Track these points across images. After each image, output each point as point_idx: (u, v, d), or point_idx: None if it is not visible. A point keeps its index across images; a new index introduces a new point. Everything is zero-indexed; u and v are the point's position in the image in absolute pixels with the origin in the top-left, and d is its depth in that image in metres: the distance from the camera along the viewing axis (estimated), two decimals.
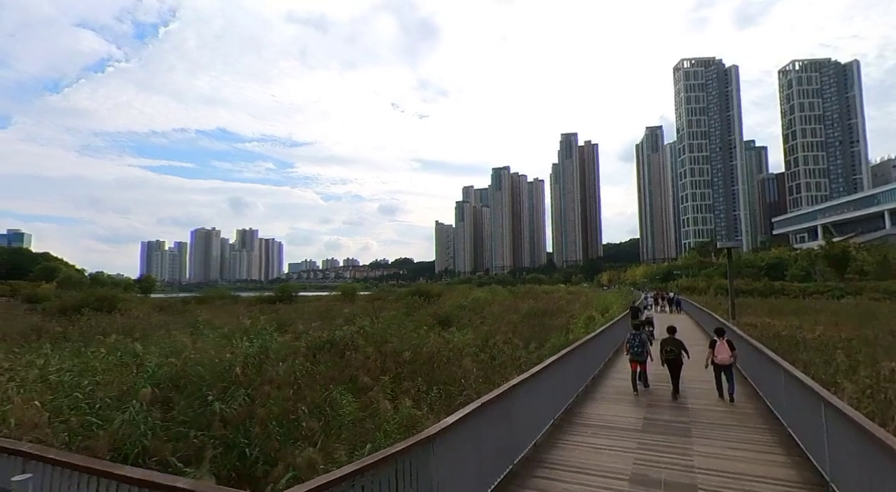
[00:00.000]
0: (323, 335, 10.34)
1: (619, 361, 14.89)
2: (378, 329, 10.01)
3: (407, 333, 11.09)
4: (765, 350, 9.49)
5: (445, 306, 27.46)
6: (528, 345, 14.52)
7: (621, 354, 14.82)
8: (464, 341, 12.74)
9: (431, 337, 11.35)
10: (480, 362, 10.40)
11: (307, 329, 13.38)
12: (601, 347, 14.00)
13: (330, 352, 9.15)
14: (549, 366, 7.78)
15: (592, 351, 12.47)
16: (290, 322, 19.12)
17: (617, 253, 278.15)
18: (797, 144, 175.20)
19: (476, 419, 4.79)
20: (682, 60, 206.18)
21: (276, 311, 34.17)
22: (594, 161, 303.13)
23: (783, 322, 26.06)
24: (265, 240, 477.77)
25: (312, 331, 11.99)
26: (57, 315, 36.38)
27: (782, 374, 7.51)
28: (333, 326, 11.91)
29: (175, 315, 34.58)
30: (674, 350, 10.80)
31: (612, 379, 12.61)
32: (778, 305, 40.12)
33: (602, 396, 10.65)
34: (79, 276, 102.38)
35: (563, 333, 16.65)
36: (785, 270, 72.04)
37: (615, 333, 16.70)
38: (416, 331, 12.71)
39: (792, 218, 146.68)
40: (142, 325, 25.58)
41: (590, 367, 12.00)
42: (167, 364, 6.08)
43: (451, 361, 9.70)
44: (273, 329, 12.95)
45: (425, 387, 7.74)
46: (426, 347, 9.64)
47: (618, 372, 13.47)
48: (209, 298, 45.71)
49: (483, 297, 39.76)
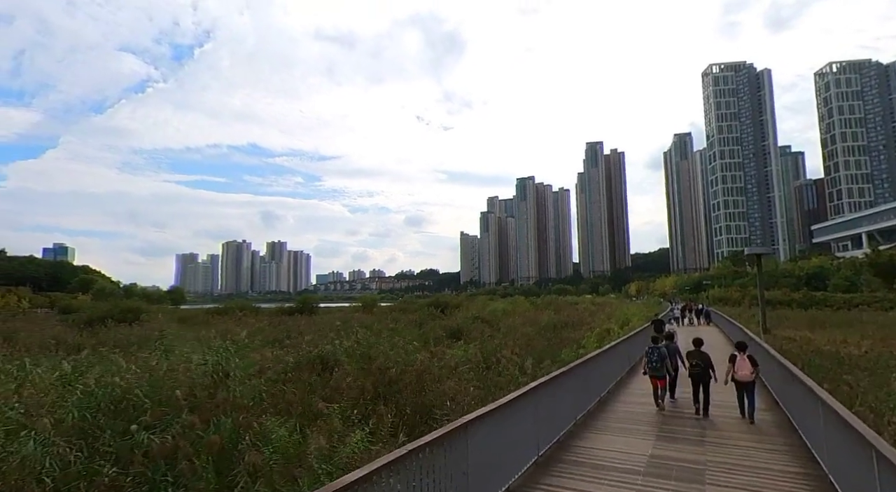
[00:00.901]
0: (312, 351, 9.68)
1: (635, 380, 13.56)
2: (364, 345, 9.21)
3: (403, 346, 10.26)
4: (800, 376, 7.88)
5: (457, 318, 26.55)
6: (542, 361, 13.49)
7: (638, 373, 13.50)
8: (464, 357, 11.86)
9: (421, 354, 10.43)
10: (471, 382, 9.42)
11: (300, 343, 12.74)
12: (612, 365, 12.75)
13: (309, 370, 8.45)
14: (534, 390, 6.63)
15: (601, 369, 11.26)
16: (295, 335, 18.58)
17: (646, 263, 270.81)
18: (837, 148, 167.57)
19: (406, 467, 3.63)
20: (711, 65, 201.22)
21: (285, 322, 34.10)
22: (621, 169, 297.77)
23: (825, 336, 24.08)
24: (293, 252, 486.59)
25: (306, 345, 11.35)
26: (84, 326, 37.47)
27: (821, 407, 6.09)
28: (326, 340, 11.24)
29: (194, 326, 34.88)
30: (699, 364, 10.00)
31: (621, 403, 11.30)
32: (819, 317, 37.64)
33: (605, 424, 9.34)
34: (113, 287, 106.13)
35: (575, 348, 15.46)
36: (827, 280, 68.09)
37: (631, 348, 15.34)
38: (414, 345, 11.88)
39: (833, 225, 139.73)
40: (155, 336, 25.72)
41: (595, 388, 10.77)
42: (111, 384, 5.46)
43: (441, 379, 8.85)
44: (265, 343, 12.43)
45: (393, 412, 6.89)
46: (417, 365, 8.80)
47: (630, 394, 12.11)
48: (230, 309, 46.09)
49: (502, 308, 38.68)
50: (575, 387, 8.90)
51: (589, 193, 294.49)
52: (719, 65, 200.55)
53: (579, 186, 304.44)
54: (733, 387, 9.73)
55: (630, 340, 15.47)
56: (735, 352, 9.83)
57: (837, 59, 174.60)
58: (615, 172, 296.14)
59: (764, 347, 12.22)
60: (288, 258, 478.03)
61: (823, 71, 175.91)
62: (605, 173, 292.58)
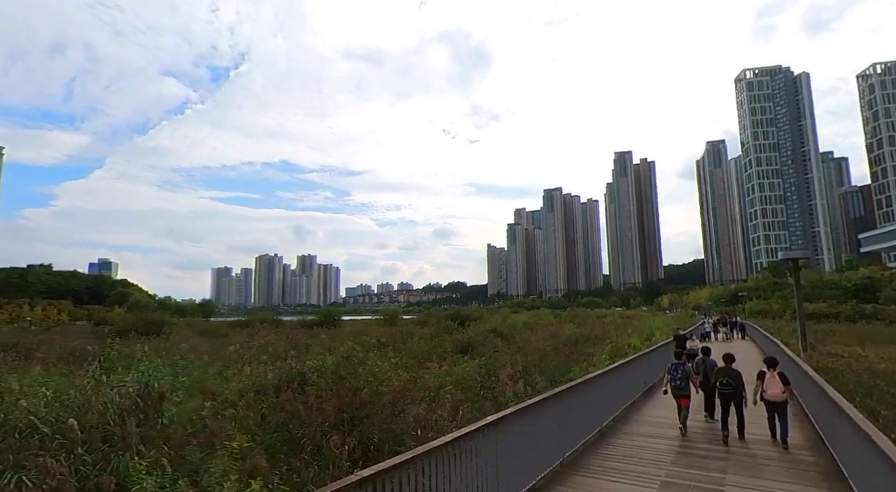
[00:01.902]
0: (294, 368, 8.94)
1: (648, 404, 11.99)
2: (343, 363, 8.31)
3: (386, 363, 9.33)
4: (847, 409, 6.13)
5: (469, 332, 25.43)
6: (553, 378, 12.35)
7: (654, 396, 12.01)
8: (459, 375, 10.83)
9: (401, 372, 9.44)
10: (445, 407, 8.28)
11: (285, 357, 12.00)
12: (621, 386, 11.05)
13: (288, 389, 7.65)
14: (498, 422, 5.19)
15: (605, 392, 9.71)
16: (302, 348, 17.94)
17: (679, 275, 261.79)
18: (884, 153, 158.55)
19: None
20: (745, 70, 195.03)
21: (301, 335, 33.69)
22: (651, 179, 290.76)
23: (878, 352, 21.86)
24: (323, 265, 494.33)
25: (290, 361, 10.62)
26: (111, 338, 38.30)
27: (873, 451, 4.64)
28: (308, 356, 10.46)
29: (212, 339, 35.03)
30: (730, 382, 9.08)
31: (627, 435, 9.36)
32: (870, 331, 34.80)
33: (599, 465, 7.47)
34: (148, 300, 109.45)
35: (585, 366, 14.14)
36: (877, 291, 63.56)
37: (649, 366, 13.71)
38: (404, 361, 10.94)
39: (883, 234, 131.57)
40: (172, 347, 25.70)
41: (594, 417, 9.04)
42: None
43: (421, 402, 7.88)
44: (272, 357, 11.78)
45: (356, 441, 5.96)
46: (396, 386, 7.88)
47: (641, 422, 10.44)
48: (252, 321, 46.38)
49: (523, 321, 37.29)
50: (563, 416, 7.32)
51: (618, 203, 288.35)
52: (753, 70, 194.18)
53: (608, 197, 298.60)
54: (762, 407, 8.97)
55: (647, 358, 13.80)
56: (764, 368, 9.11)
57: (882, 60, 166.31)
58: (645, 181, 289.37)
59: (802, 367, 10.57)
60: (318, 272, 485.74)
61: (867, 72, 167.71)
62: (635, 183, 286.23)
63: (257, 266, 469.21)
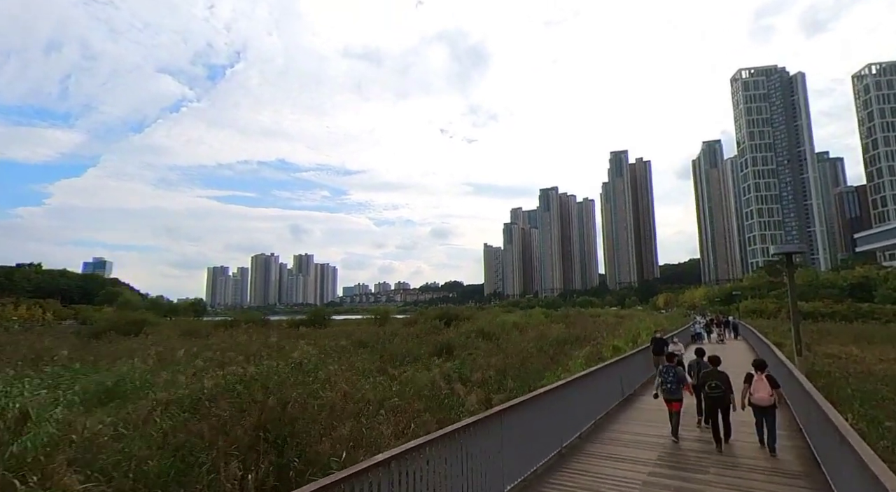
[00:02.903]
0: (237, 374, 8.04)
1: (625, 417, 10.58)
2: (281, 370, 7.41)
3: (345, 370, 8.43)
4: (850, 438, 4.84)
5: (450, 333, 24.54)
6: (527, 384, 11.43)
7: (633, 406, 10.98)
8: (423, 381, 9.94)
9: (359, 381, 8.52)
10: (376, 425, 7.21)
11: (253, 360, 11.06)
12: (592, 397, 9.72)
13: (195, 404, 6.68)
14: (429, 444, 4.27)
15: (572, 403, 8.46)
16: (275, 350, 17.00)
17: (675, 274, 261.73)
18: (880, 153, 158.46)
19: None
20: (741, 70, 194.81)
21: (287, 336, 32.68)
22: (647, 178, 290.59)
23: (875, 353, 21.10)
24: (320, 265, 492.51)
25: (237, 365, 9.70)
26: (90, 338, 37.16)
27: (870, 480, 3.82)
28: (265, 360, 9.55)
29: (197, 339, 34.02)
30: (719, 386, 8.65)
31: (592, 457, 7.83)
32: (866, 331, 34.15)
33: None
34: (137, 300, 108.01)
35: (560, 372, 13.14)
36: (873, 290, 63.05)
37: (625, 372, 12.33)
38: (360, 366, 10.04)
39: (878, 233, 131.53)
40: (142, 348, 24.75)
41: (556, 433, 7.70)
42: None
43: (364, 416, 6.92)
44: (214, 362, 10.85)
45: (273, 463, 5.07)
46: (334, 397, 6.97)
47: (613, 440, 8.87)
48: (237, 322, 45.38)
49: (512, 321, 36.43)
50: (510, 436, 5.98)
51: (614, 202, 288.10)
52: (749, 69, 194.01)
53: (604, 196, 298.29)
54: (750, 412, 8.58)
55: (625, 363, 12.53)
56: (752, 371, 8.71)
57: (877, 61, 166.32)
58: (641, 181, 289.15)
59: (797, 377, 9.38)
60: (315, 271, 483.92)
61: (862, 73, 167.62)
62: (631, 183, 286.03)
63: (253, 265, 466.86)
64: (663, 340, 15.38)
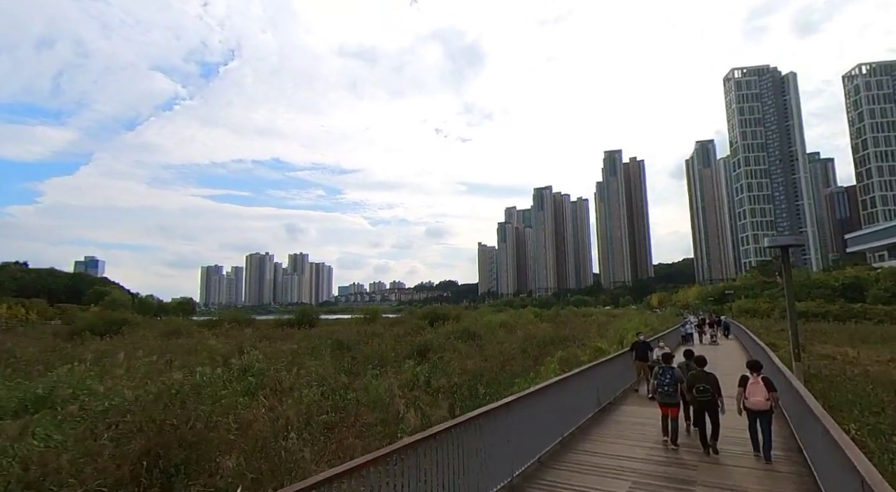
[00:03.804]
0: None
1: (599, 432, 9.31)
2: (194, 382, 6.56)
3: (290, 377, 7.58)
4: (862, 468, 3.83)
5: (430, 334, 23.72)
6: (497, 391, 10.59)
7: (610, 419, 10.07)
8: (381, 390, 9.09)
9: (261, 399, 7.58)
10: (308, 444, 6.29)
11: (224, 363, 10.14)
12: (559, 409, 8.40)
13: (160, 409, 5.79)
14: (348, 474, 3.55)
15: (535, 416, 7.32)
16: (248, 351, 16.08)
17: (669, 274, 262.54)
18: (869, 154, 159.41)
19: None
20: (733, 70, 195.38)
21: (268, 337, 31.69)
22: (640, 178, 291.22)
23: (870, 353, 20.56)
24: (315, 264, 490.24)
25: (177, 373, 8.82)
26: (67, 338, 36.05)
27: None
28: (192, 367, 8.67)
29: (177, 339, 33.00)
30: (707, 388, 8.18)
31: (552, 486, 6.42)
32: (860, 331, 33.72)
33: None
34: (126, 299, 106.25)
35: (532, 377, 12.24)
36: (865, 290, 62.96)
37: (602, 379, 11.12)
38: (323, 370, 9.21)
39: (868, 234, 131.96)
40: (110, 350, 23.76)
41: (511, 455, 6.34)
42: None
43: (279, 435, 5.90)
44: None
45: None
46: (251, 415, 6.09)
47: (579, 462, 7.49)
48: (220, 321, 44.35)
49: (501, 320, 35.69)
50: (452, 459, 4.90)
51: (608, 202, 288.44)
52: (741, 69, 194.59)
53: (598, 196, 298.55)
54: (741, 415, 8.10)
55: (602, 369, 11.19)
56: (748, 373, 8.12)
57: (867, 61, 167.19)
58: (635, 180, 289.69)
59: (796, 388, 8.31)
60: (310, 270, 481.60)
61: (852, 73, 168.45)
62: (625, 182, 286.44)
63: (248, 264, 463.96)
64: (647, 344, 13.81)
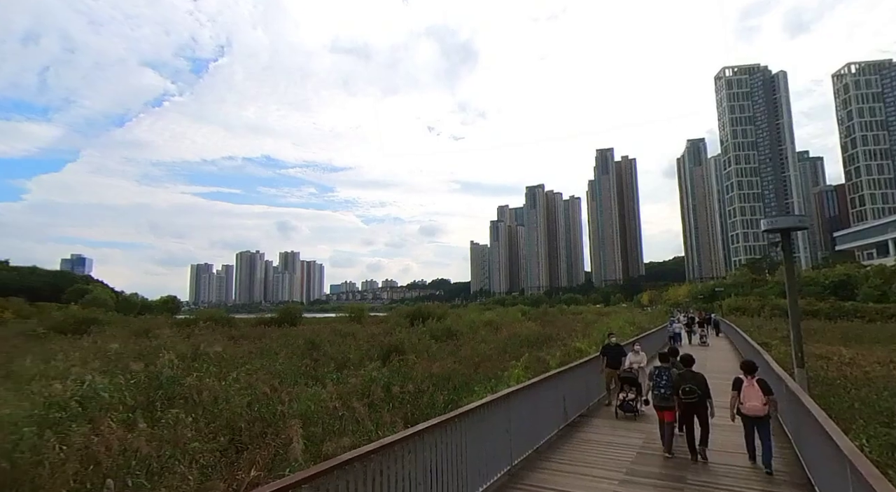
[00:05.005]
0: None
1: (565, 454, 7.74)
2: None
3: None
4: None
5: (402, 334, 22.55)
6: (453, 400, 9.40)
7: (579, 436, 8.72)
8: (308, 401, 7.91)
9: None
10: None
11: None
12: (514, 428, 6.86)
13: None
14: None
15: (481, 438, 5.84)
16: (215, 351, 14.81)
17: (660, 272, 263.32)
18: (858, 152, 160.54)
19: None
20: (724, 68, 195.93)
21: (245, 336, 30.41)
22: (632, 177, 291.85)
23: (866, 353, 19.69)
24: (306, 262, 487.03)
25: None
26: (32, 338, 34.47)
27: None
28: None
29: (147, 339, 31.54)
30: (694, 389, 7.59)
31: None
32: (853, 329, 32.98)
33: None
34: (109, 297, 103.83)
35: (493, 384, 11.02)
36: (855, 288, 62.68)
37: (571, 388, 9.63)
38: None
39: (857, 232, 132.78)
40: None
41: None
42: None
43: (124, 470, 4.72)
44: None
45: None
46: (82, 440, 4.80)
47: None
48: (195, 320, 42.86)
49: (487, 319, 34.64)
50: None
51: (600, 200, 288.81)
52: (732, 68, 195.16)
53: (590, 194, 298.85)
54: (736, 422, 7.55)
55: (571, 375, 9.69)
56: (742, 376, 7.45)
57: (857, 60, 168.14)
58: (626, 179, 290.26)
59: (804, 404, 6.74)
60: (301, 268, 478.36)
61: (841, 72, 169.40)
62: (617, 181, 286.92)
63: (238, 263, 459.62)
64: (620, 349, 11.73)
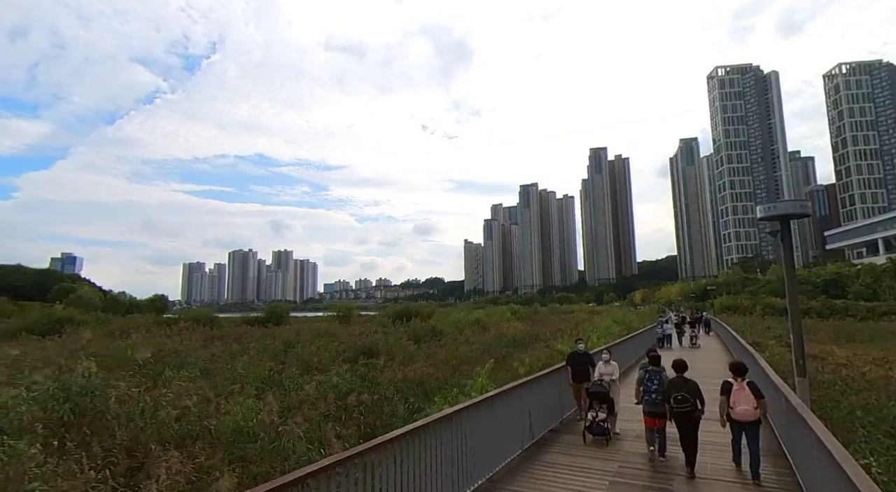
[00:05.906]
0: None
1: (528, 481, 6.51)
2: None
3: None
4: None
5: (379, 335, 21.80)
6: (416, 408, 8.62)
7: (543, 458, 7.51)
8: (242, 414, 7.16)
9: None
10: None
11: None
12: (455, 454, 5.68)
13: None
14: None
15: (419, 466, 4.87)
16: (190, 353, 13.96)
17: (653, 271, 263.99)
18: (848, 152, 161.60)
19: None
20: (717, 68, 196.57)
21: (223, 337, 29.51)
22: (626, 176, 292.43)
23: (859, 352, 19.21)
24: (300, 261, 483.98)
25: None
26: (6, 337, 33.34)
27: None
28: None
29: (122, 340, 30.59)
30: (686, 397, 7.05)
31: None
32: (845, 327, 32.64)
33: None
34: (95, 296, 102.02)
35: (455, 393, 10.22)
36: (846, 287, 62.70)
37: (539, 400, 8.56)
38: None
39: (847, 231, 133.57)
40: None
41: None
42: None
43: None
44: None
45: None
46: None
47: None
48: (178, 320, 41.77)
49: (475, 318, 33.94)
50: None
51: (593, 199, 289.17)
52: (725, 67, 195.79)
53: (583, 193, 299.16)
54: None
55: (538, 385, 8.61)
56: (731, 379, 7.03)
57: (847, 61, 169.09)
58: (620, 178, 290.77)
59: (811, 426, 5.18)
60: (294, 267, 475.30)
61: (832, 72, 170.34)
62: (610, 180, 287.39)
63: (231, 261, 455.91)
64: (588, 357, 9.74)
